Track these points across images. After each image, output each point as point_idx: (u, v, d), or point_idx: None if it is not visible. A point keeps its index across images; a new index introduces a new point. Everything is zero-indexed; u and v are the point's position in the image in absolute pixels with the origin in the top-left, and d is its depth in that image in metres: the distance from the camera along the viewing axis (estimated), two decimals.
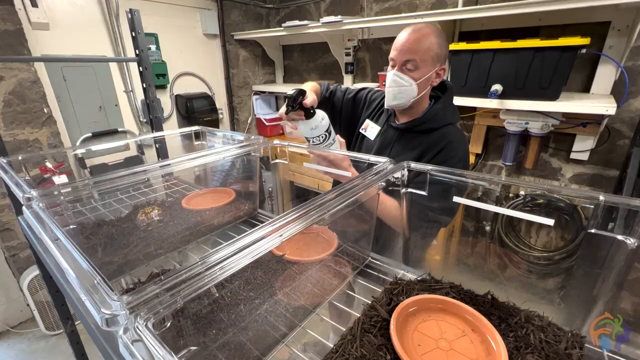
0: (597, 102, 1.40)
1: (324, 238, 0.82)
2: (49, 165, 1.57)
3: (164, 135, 1.51)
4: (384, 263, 0.82)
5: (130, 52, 2.04)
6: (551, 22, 1.64)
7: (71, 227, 0.82)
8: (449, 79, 1.80)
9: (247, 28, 2.80)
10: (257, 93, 3.00)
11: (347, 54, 2.46)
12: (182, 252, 0.94)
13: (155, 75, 2.39)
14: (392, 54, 0.97)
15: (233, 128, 3.03)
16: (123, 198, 1.16)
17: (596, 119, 1.57)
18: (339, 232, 0.78)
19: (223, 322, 0.56)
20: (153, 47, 2.37)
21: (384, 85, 1.02)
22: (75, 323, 1.44)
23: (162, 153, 1.62)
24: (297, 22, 2.25)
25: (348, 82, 2.55)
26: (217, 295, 0.48)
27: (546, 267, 1.81)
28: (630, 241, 0.49)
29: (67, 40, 1.99)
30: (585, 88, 1.66)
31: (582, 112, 1.42)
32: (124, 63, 2.23)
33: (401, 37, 0.95)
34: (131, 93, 2.31)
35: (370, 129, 1.14)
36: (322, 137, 0.99)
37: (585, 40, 1.36)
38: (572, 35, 1.40)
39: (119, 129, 2.30)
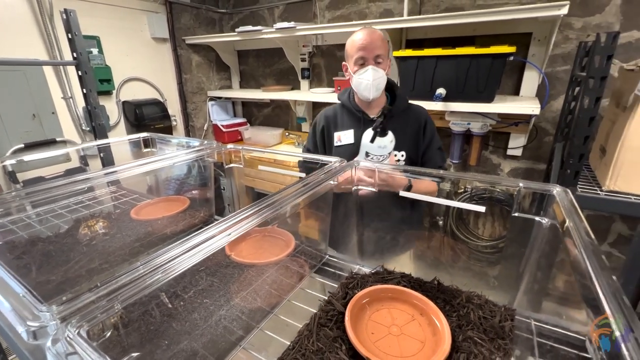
0: (525, 104, 1.57)
1: (281, 240, 0.83)
2: None
3: (109, 143, 1.42)
4: (341, 259, 0.84)
5: (68, 56, 1.89)
6: (484, 32, 1.82)
7: None
8: (399, 84, 1.91)
9: (199, 32, 2.73)
10: (212, 99, 2.92)
11: (303, 60, 2.49)
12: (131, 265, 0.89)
13: (98, 81, 2.24)
14: (359, 53, 1.08)
15: (188, 135, 2.92)
16: (63, 213, 1.07)
17: (525, 119, 1.76)
18: (294, 233, 0.79)
19: (176, 330, 0.54)
20: (95, 51, 2.22)
21: (339, 90, 1.07)
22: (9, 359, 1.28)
23: (108, 163, 1.51)
24: (250, 28, 2.25)
25: (305, 87, 2.59)
26: (164, 299, 0.47)
27: (493, 255, 1.97)
28: (545, 221, 0.57)
29: None
30: (515, 91, 1.85)
31: (513, 112, 1.59)
32: (62, 68, 2.06)
33: (363, 38, 1.07)
34: (70, 100, 2.13)
35: (345, 136, 1.20)
36: (384, 157, 1.01)
37: (512, 49, 1.52)
38: (502, 44, 1.56)
39: (58, 139, 2.11)
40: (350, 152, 1.18)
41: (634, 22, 1.50)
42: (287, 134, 2.79)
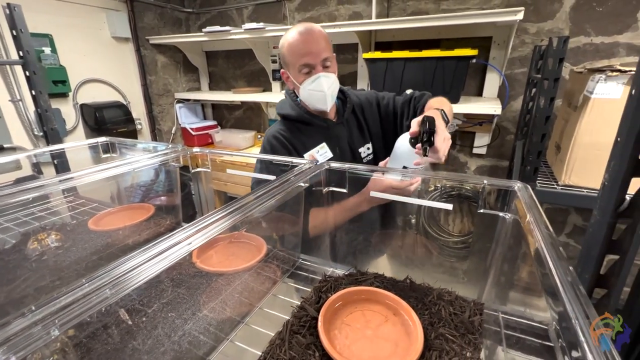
0: (488, 104, 1.65)
1: (253, 245, 0.80)
2: None
3: (63, 149, 1.31)
4: (314, 263, 0.83)
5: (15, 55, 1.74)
6: (448, 35, 1.89)
7: None
8: (369, 85, 1.94)
9: (164, 32, 2.62)
10: (180, 101, 2.82)
11: (274, 61, 2.46)
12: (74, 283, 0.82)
13: (52, 82, 2.08)
14: (303, 60, 0.93)
15: (155, 139, 2.79)
16: (10, 226, 0.97)
17: (488, 119, 1.85)
18: (266, 237, 0.77)
19: (137, 349, 0.50)
20: (47, 50, 2.06)
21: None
22: None
23: (64, 171, 1.40)
24: (218, 28, 2.19)
25: (276, 89, 2.56)
26: (123, 315, 0.43)
27: (462, 251, 2.04)
28: (508, 216, 0.59)
29: None
30: (479, 92, 1.94)
31: (477, 112, 1.66)
32: (9, 68, 1.89)
33: (304, 40, 0.92)
34: (20, 102, 1.96)
35: (319, 154, 1.03)
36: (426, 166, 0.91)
37: (474, 52, 1.58)
38: (465, 48, 1.63)
39: (5, 145, 1.93)
40: (338, 158, 1.04)
41: (581, 28, 1.62)
42: (259, 136, 2.74)
